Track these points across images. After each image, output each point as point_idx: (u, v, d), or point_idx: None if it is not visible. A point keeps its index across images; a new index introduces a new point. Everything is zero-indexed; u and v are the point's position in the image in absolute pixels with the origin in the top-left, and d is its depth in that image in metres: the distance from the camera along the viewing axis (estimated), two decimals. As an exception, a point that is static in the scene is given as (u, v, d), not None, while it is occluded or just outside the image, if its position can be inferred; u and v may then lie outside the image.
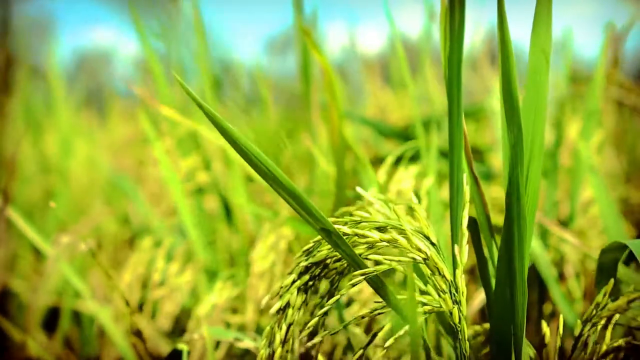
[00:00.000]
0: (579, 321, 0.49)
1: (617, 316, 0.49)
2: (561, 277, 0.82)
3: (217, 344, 0.71)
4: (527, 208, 0.48)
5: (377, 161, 0.87)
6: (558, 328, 0.50)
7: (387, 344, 0.45)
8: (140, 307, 0.85)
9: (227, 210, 0.93)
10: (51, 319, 1.08)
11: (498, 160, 1.05)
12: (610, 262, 0.53)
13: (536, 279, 0.81)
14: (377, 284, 0.46)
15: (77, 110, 1.62)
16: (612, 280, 0.49)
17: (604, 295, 0.49)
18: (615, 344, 0.48)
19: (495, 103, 1.09)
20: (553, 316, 0.77)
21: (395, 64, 1.33)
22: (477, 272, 0.74)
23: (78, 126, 1.49)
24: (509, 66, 0.45)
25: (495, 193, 0.89)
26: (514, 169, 0.45)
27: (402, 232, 0.46)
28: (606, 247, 0.52)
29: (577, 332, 0.49)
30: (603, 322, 0.49)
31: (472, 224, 0.52)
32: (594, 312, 0.49)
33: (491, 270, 0.53)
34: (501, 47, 0.45)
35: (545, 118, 0.48)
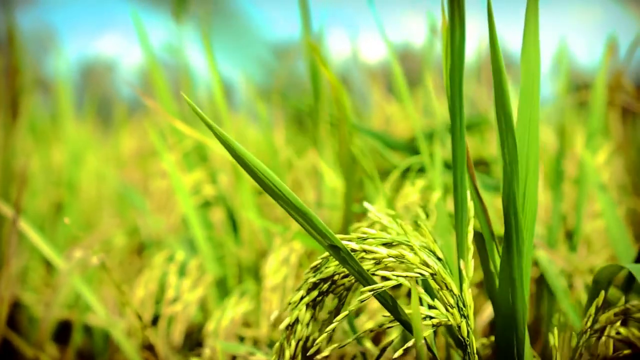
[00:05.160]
0: (573, 333, 0.50)
1: (612, 328, 0.50)
2: (571, 288, 0.82)
3: (234, 359, 0.71)
4: (525, 222, 0.49)
5: (384, 174, 0.87)
6: (570, 339, 0.50)
7: (395, 355, 0.46)
8: (154, 322, 0.86)
9: (234, 224, 0.93)
10: (63, 333, 1.08)
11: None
12: (605, 279, 0.54)
13: (546, 290, 0.81)
14: (385, 299, 0.46)
15: (84, 121, 1.62)
16: (602, 293, 0.50)
17: (596, 308, 0.50)
18: (610, 355, 0.49)
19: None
20: (565, 327, 0.78)
21: (398, 74, 1.33)
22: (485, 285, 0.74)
23: (86, 138, 1.50)
24: (501, 84, 0.45)
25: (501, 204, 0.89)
26: (510, 186, 0.46)
27: (409, 247, 0.47)
28: (603, 268, 0.54)
29: (573, 344, 0.50)
30: (597, 334, 0.50)
31: (479, 237, 0.52)
32: (588, 324, 0.50)
33: (496, 283, 0.53)
34: (493, 67, 0.46)
35: (539, 133, 0.49)
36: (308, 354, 0.48)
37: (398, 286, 0.64)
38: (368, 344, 0.66)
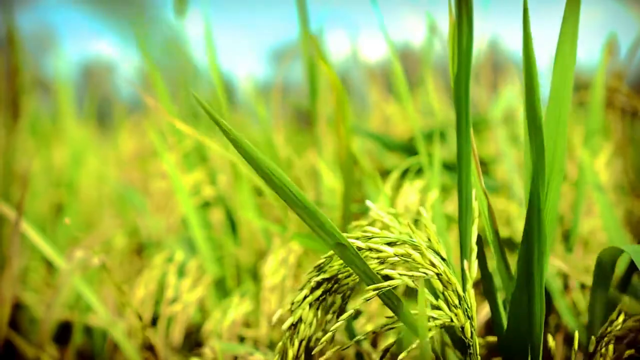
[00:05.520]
0: (593, 338, 0.50)
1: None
2: (566, 288, 0.82)
3: (235, 359, 0.72)
4: (546, 224, 0.48)
5: (382, 174, 0.88)
6: (572, 344, 0.50)
7: (400, 357, 0.46)
8: (154, 322, 0.86)
9: (234, 225, 0.94)
10: (63, 333, 1.09)
11: (502, 172, 1.06)
12: (608, 260, 0.54)
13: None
14: (390, 298, 0.46)
15: (84, 122, 1.62)
16: (625, 299, 0.50)
17: (619, 313, 0.50)
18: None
19: (498, 114, 1.10)
20: (558, 328, 0.78)
21: (398, 73, 1.33)
22: (482, 285, 0.75)
23: (86, 139, 1.50)
24: (533, 85, 0.45)
25: (501, 205, 0.90)
26: (535, 186, 0.46)
27: (414, 247, 0.47)
28: (605, 249, 0.54)
29: (591, 349, 0.50)
30: (615, 339, 0.50)
31: (477, 239, 0.52)
32: (609, 329, 0.50)
33: (497, 284, 0.53)
34: (526, 67, 0.45)
35: (566, 135, 0.48)
36: (312, 353, 0.48)
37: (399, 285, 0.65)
38: (366, 346, 0.66)
